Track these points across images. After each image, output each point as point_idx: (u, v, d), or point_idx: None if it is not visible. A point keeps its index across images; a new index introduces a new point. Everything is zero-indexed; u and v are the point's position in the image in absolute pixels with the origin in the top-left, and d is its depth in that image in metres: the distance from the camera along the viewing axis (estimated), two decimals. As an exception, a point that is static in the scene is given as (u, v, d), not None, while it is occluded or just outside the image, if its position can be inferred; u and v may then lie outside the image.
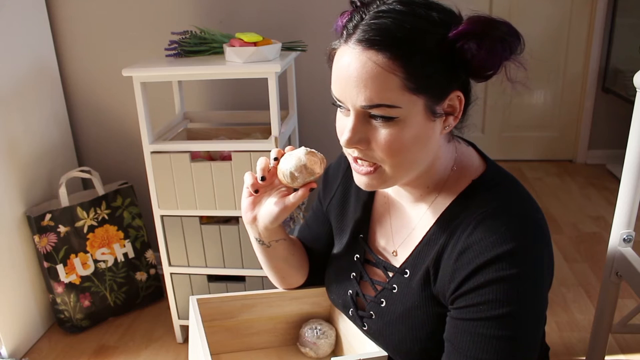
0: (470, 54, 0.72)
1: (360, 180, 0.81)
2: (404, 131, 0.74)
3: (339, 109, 0.79)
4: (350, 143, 0.76)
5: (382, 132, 0.74)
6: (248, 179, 0.91)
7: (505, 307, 0.73)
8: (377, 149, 0.76)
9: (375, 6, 0.75)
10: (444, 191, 0.84)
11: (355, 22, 0.75)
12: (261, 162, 0.89)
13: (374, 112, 0.73)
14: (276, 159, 0.88)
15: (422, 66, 0.72)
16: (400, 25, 0.71)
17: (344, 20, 0.80)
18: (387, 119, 0.73)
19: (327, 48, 0.81)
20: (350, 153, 0.80)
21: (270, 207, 0.90)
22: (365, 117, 0.75)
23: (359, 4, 0.78)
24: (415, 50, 0.71)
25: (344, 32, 0.76)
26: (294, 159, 0.85)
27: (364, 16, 0.74)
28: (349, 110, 0.76)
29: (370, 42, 0.71)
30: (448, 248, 0.80)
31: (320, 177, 1.07)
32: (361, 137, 0.76)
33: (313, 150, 0.87)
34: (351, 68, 0.73)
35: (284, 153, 0.88)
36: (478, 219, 0.77)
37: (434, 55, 0.72)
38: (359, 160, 0.80)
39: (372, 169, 0.78)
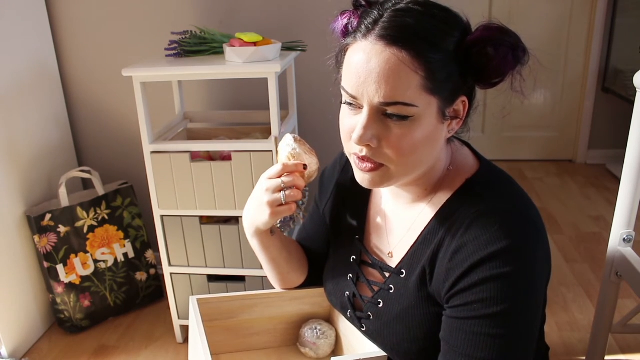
0: (486, 59, 0.74)
1: (363, 177, 0.80)
2: (416, 131, 0.74)
3: (347, 107, 0.78)
4: (363, 141, 0.74)
5: (395, 131, 0.74)
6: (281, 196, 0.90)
7: (500, 305, 0.73)
8: (388, 148, 0.75)
9: (390, 4, 0.75)
10: (440, 191, 0.84)
11: (372, 18, 0.74)
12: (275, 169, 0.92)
13: (390, 109, 0.73)
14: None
15: (442, 67, 0.72)
16: (423, 24, 0.72)
17: (345, 20, 0.81)
18: (402, 118, 0.73)
19: (340, 44, 0.80)
20: (358, 152, 0.78)
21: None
22: (378, 115, 0.74)
23: (364, 2, 0.79)
24: (437, 51, 0.72)
25: (361, 28, 0.75)
26: (285, 146, 0.93)
27: (381, 13, 0.74)
28: (361, 108, 0.75)
29: (394, 38, 0.71)
30: (443, 247, 0.80)
31: (317, 180, 1.07)
32: (373, 134, 0.74)
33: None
34: (372, 63, 0.72)
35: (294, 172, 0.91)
36: (472, 218, 0.77)
37: (452, 58, 0.73)
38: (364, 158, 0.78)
39: (374, 165, 0.77)
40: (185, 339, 1.90)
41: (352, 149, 0.79)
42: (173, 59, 1.69)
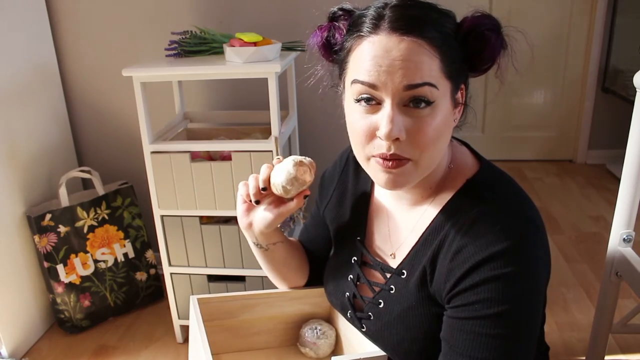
0: (482, 44, 0.76)
1: (387, 178, 0.77)
2: (437, 117, 0.74)
3: (362, 106, 0.75)
4: (392, 135, 0.72)
5: (421, 120, 0.73)
6: (243, 189, 0.93)
7: (501, 305, 0.73)
8: (416, 138, 0.73)
9: (381, 4, 0.75)
10: (441, 191, 0.84)
11: (375, 15, 0.74)
12: (263, 173, 0.90)
13: (417, 93, 0.71)
14: (265, 189, 0.89)
15: (450, 53, 0.74)
16: (427, 14, 0.74)
17: (325, 33, 0.82)
18: (427, 103, 0.72)
19: (346, 43, 0.78)
20: (385, 151, 0.74)
21: (264, 213, 0.92)
22: (400, 106, 0.73)
23: (341, 12, 0.81)
24: (444, 37, 0.73)
25: (365, 26, 0.74)
26: (284, 172, 0.86)
27: (380, 10, 0.74)
28: (379, 103, 0.74)
29: (408, 27, 0.71)
30: (444, 247, 0.80)
31: (317, 182, 1.07)
32: (401, 126, 0.73)
33: (301, 159, 0.87)
34: (394, 52, 0.71)
35: (273, 167, 0.89)
36: (473, 218, 0.77)
37: (455, 44, 0.75)
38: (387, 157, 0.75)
39: (401, 162, 0.75)
40: (185, 339, 1.90)
41: (374, 151, 0.76)
42: (173, 59, 1.69)
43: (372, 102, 0.74)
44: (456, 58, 0.75)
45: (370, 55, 0.73)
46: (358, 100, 0.75)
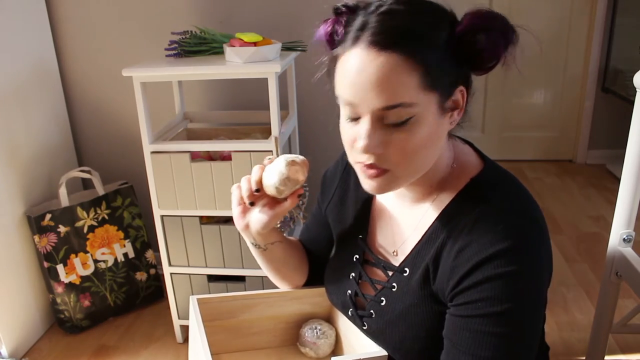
0: (479, 46, 0.74)
1: (370, 184, 0.79)
2: (419, 131, 0.73)
3: (347, 118, 0.76)
4: (368, 149, 0.73)
5: (399, 135, 0.73)
6: (236, 192, 0.92)
7: (504, 304, 0.73)
8: (394, 152, 0.74)
9: (373, 7, 0.74)
10: (444, 190, 0.84)
11: (359, 25, 0.73)
12: (255, 174, 0.89)
13: (392, 113, 0.72)
14: (258, 190, 0.88)
15: (437, 62, 0.72)
16: (412, 23, 0.72)
17: (328, 28, 0.81)
18: (404, 121, 0.72)
19: (328, 55, 0.79)
20: (364, 161, 0.76)
21: (260, 214, 0.92)
22: (379, 121, 0.73)
23: (345, 9, 0.79)
24: (430, 46, 0.72)
25: (348, 37, 0.74)
26: (276, 173, 0.85)
27: (366, 19, 0.73)
28: (360, 117, 0.74)
29: (386, 42, 0.70)
30: (447, 246, 0.80)
31: (318, 181, 1.07)
32: (378, 142, 0.73)
33: (294, 157, 0.86)
34: (368, 71, 0.70)
35: (265, 167, 0.89)
36: (477, 217, 0.77)
37: (445, 50, 0.73)
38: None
39: (380, 170, 0.76)
40: (185, 339, 1.90)
41: (357, 158, 0.77)
42: (173, 59, 1.69)
43: (354, 116, 0.75)
44: (447, 65, 0.74)
45: (347, 72, 0.73)
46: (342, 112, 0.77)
